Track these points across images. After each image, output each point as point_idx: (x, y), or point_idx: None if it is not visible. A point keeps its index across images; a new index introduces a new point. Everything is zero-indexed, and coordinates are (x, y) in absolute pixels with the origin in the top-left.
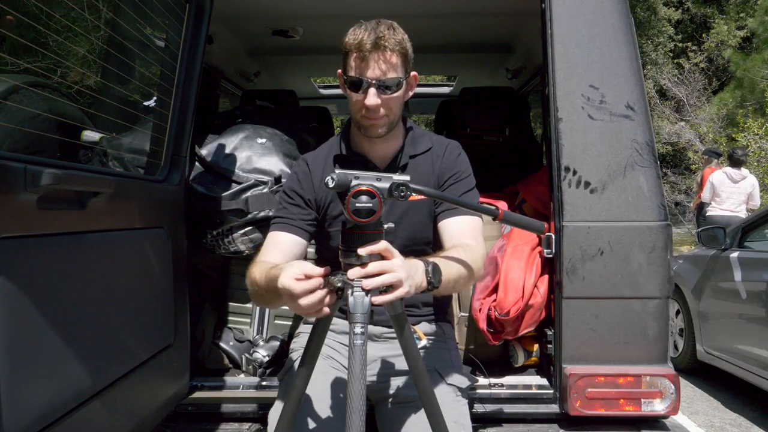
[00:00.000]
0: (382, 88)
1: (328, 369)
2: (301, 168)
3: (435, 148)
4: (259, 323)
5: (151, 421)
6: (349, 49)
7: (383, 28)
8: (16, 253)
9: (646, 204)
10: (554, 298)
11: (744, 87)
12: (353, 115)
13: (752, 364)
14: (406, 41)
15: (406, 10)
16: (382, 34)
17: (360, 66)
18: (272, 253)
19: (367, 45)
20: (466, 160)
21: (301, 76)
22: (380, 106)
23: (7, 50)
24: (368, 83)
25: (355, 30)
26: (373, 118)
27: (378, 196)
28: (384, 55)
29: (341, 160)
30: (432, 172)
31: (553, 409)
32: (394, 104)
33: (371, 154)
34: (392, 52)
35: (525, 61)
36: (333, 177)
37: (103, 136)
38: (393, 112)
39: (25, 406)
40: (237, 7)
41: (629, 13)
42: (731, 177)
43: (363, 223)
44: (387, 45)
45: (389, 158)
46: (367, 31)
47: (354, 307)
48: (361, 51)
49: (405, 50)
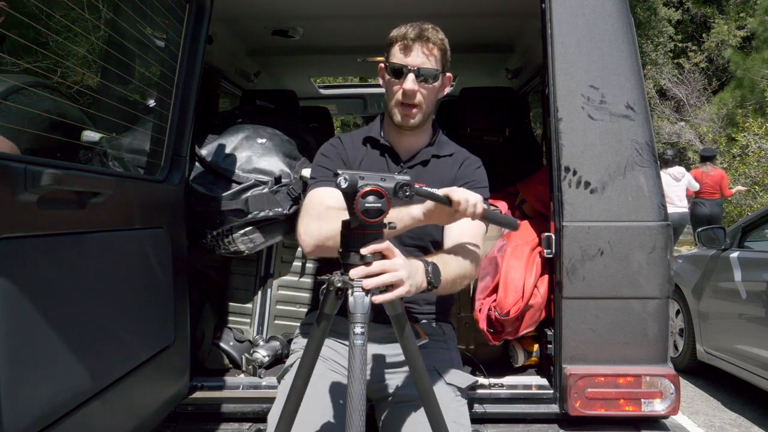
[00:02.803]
0: (421, 77)
1: (327, 370)
2: (334, 141)
3: (457, 155)
4: (259, 323)
5: (151, 421)
6: (393, 40)
7: (428, 25)
8: (16, 253)
9: (646, 204)
10: (554, 298)
11: (744, 87)
12: (389, 105)
13: (752, 364)
14: (447, 42)
15: (406, 11)
16: (426, 28)
17: (403, 54)
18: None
19: (411, 35)
20: (484, 174)
21: (301, 76)
22: (416, 92)
23: (7, 50)
24: (408, 69)
25: (400, 27)
26: (409, 106)
27: (386, 196)
28: (426, 45)
29: (372, 143)
30: (450, 176)
31: (553, 409)
32: (429, 95)
33: (398, 146)
34: (434, 45)
35: (525, 61)
36: (345, 177)
37: (103, 136)
38: (426, 104)
39: (25, 406)
40: (237, 7)
41: (629, 13)
42: (675, 177)
43: (372, 223)
44: (430, 37)
45: (413, 152)
46: (412, 26)
47: (354, 307)
48: (405, 39)
49: (445, 47)
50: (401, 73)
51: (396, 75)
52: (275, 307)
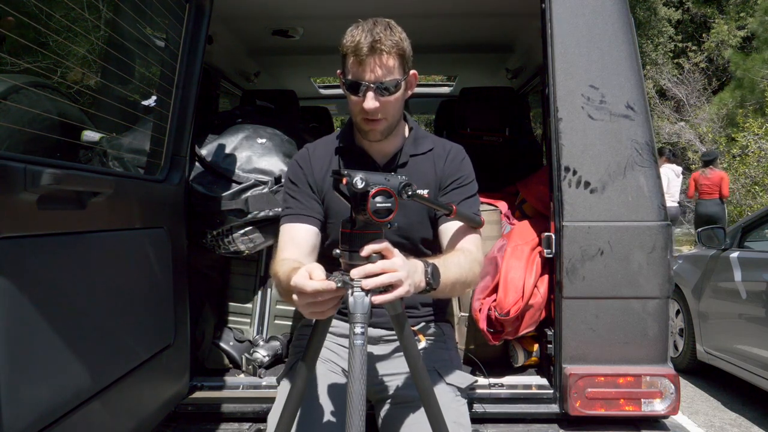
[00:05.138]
0: (381, 90)
1: (327, 371)
2: (302, 156)
3: (437, 150)
4: (259, 323)
5: (151, 421)
6: (346, 52)
7: (380, 29)
8: (16, 253)
9: (646, 204)
10: (554, 298)
11: (744, 87)
12: (353, 117)
13: (752, 364)
14: (404, 40)
15: (406, 10)
16: (378, 37)
17: (357, 69)
18: (289, 248)
19: (364, 49)
20: (470, 165)
21: (301, 76)
22: (378, 109)
23: (7, 50)
24: (366, 86)
25: (351, 31)
26: (372, 121)
27: (394, 195)
28: (381, 58)
29: (343, 153)
30: (433, 173)
31: (553, 409)
32: (393, 107)
33: (371, 151)
34: (389, 54)
35: (525, 61)
36: (362, 178)
37: (103, 136)
38: (391, 115)
39: (25, 406)
40: (237, 7)
41: (629, 13)
42: (676, 173)
43: (381, 223)
44: (383, 48)
45: (389, 155)
46: (363, 33)
47: (354, 307)
48: (358, 55)
49: (402, 50)
50: (359, 89)
51: (353, 91)
52: (275, 307)
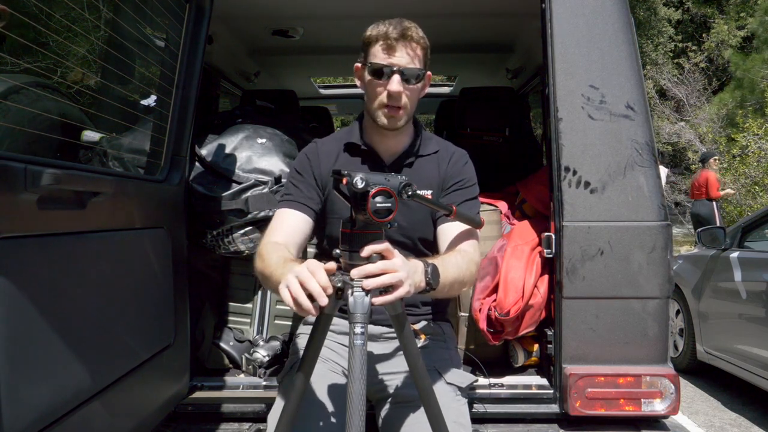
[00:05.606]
0: (406, 77)
1: (327, 370)
2: (311, 149)
3: (442, 152)
4: (259, 323)
5: (151, 421)
6: (373, 40)
7: (407, 23)
8: (16, 253)
9: (646, 204)
10: (554, 298)
11: (744, 87)
12: (372, 107)
13: (752, 364)
14: (427, 40)
15: (406, 10)
16: (408, 27)
17: (386, 53)
18: (278, 233)
19: (394, 34)
20: (473, 170)
21: (301, 76)
22: (402, 93)
23: (7, 50)
24: (392, 70)
25: (378, 24)
26: (394, 108)
27: (395, 196)
28: (410, 45)
29: (351, 149)
30: (437, 175)
31: (553, 409)
32: (413, 96)
33: (380, 148)
34: (417, 44)
35: (525, 61)
36: (362, 178)
37: (103, 136)
38: (411, 105)
39: (25, 406)
40: (237, 7)
41: (629, 13)
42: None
43: (382, 223)
44: (413, 36)
45: (396, 154)
46: (392, 24)
47: (354, 307)
48: (388, 39)
49: (427, 45)
50: (384, 74)
51: (378, 76)
52: (275, 307)
